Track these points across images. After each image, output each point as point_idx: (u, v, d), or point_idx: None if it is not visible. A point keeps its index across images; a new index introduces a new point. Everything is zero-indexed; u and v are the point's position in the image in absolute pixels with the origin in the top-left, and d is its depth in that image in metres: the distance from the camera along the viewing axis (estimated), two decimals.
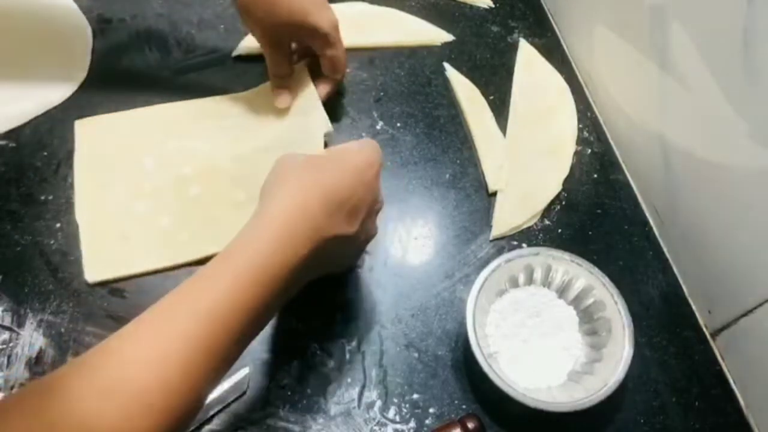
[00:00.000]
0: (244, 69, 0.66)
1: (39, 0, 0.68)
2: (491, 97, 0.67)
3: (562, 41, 0.74)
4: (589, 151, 0.64)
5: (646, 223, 0.60)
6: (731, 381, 0.52)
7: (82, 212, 0.54)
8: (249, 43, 0.67)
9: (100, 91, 0.62)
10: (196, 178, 0.56)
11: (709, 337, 0.54)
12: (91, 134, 0.59)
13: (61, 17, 0.67)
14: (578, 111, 0.67)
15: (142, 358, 0.33)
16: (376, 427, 0.47)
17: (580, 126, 0.66)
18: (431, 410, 0.48)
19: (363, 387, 0.48)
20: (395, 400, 0.48)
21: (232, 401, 0.47)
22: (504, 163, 0.61)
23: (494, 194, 0.59)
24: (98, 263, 0.51)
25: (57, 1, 0.69)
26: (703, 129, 0.52)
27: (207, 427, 0.46)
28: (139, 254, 0.52)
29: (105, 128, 0.59)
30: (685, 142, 0.55)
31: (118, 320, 0.49)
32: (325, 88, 0.61)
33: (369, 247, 0.55)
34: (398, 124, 0.64)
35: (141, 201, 0.54)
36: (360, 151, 0.44)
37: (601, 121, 0.67)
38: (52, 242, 0.53)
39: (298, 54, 0.63)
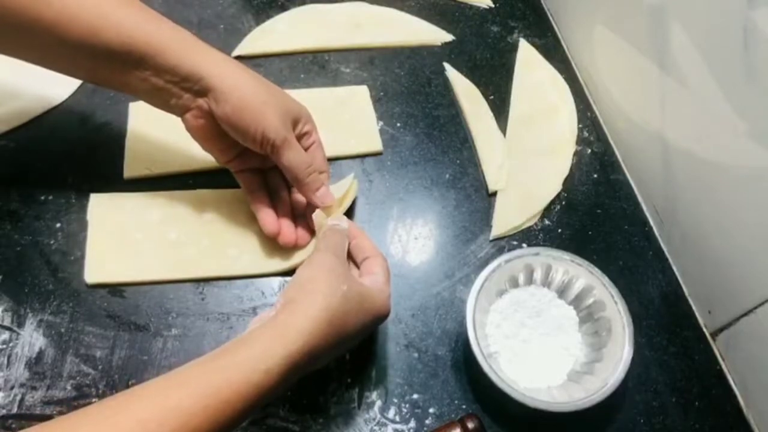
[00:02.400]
0: None
1: None
2: (491, 97, 0.67)
3: (562, 41, 0.74)
4: (589, 151, 0.64)
5: (646, 223, 0.60)
6: (731, 381, 0.52)
7: (94, 211, 0.54)
8: (249, 43, 0.67)
9: (100, 91, 0.62)
10: (215, 202, 0.55)
11: (709, 337, 0.54)
12: (145, 118, 0.59)
13: None
14: (578, 111, 0.67)
15: None
16: (376, 427, 0.47)
17: (580, 126, 0.66)
18: (431, 410, 0.48)
19: (363, 387, 0.48)
20: (395, 400, 0.48)
21: None
22: (504, 163, 0.61)
23: (494, 194, 0.59)
24: (100, 265, 0.51)
25: None
26: (703, 129, 0.52)
27: None
28: (141, 262, 0.52)
29: (159, 112, 0.59)
30: (685, 142, 0.55)
31: (118, 320, 0.49)
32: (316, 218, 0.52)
33: None
34: (398, 124, 0.64)
35: (155, 210, 0.54)
36: (383, 303, 0.45)
37: (601, 121, 0.67)
38: (52, 242, 0.53)
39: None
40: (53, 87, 0.61)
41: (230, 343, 0.38)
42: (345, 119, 0.63)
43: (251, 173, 0.52)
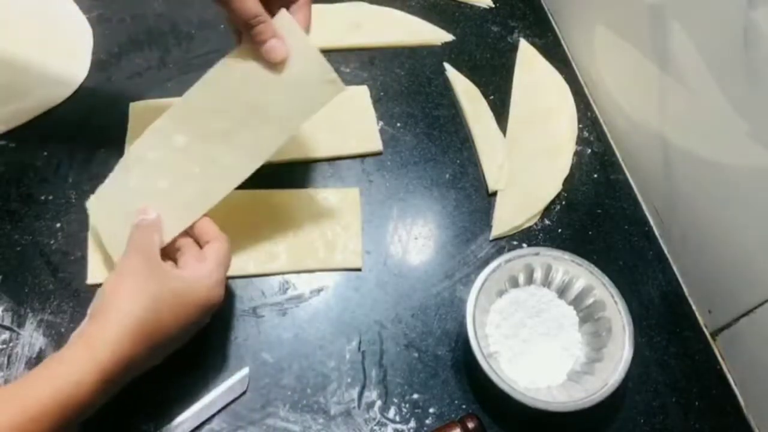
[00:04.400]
0: None
1: (39, 0, 0.68)
2: (491, 97, 0.67)
3: (562, 41, 0.74)
4: (589, 151, 0.64)
5: (646, 223, 0.60)
6: (731, 381, 0.52)
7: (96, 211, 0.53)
8: None
9: (100, 91, 0.62)
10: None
11: (709, 337, 0.54)
12: (144, 118, 0.58)
13: (61, 17, 0.67)
14: (578, 111, 0.67)
15: None
16: (376, 427, 0.47)
17: (580, 126, 0.66)
18: (431, 410, 0.48)
19: (363, 387, 0.48)
20: (395, 400, 0.48)
21: (232, 401, 0.47)
22: (504, 163, 0.61)
23: (494, 194, 0.59)
24: (102, 266, 0.51)
25: (57, 1, 0.69)
26: (703, 129, 0.52)
27: (207, 427, 0.46)
28: None
29: (158, 112, 0.58)
30: (685, 142, 0.55)
31: None
32: (302, 14, 0.47)
33: (369, 247, 0.55)
34: (398, 124, 0.64)
35: (132, 175, 0.52)
36: (208, 291, 0.43)
37: (601, 121, 0.67)
38: (52, 242, 0.53)
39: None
40: (53, 87, 0.61)
41: (45, 360, 0.38)
42: (345, 119, 0.63)
43: None
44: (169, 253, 0.47)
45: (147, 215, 0.47)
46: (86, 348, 0.37)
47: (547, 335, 0.50)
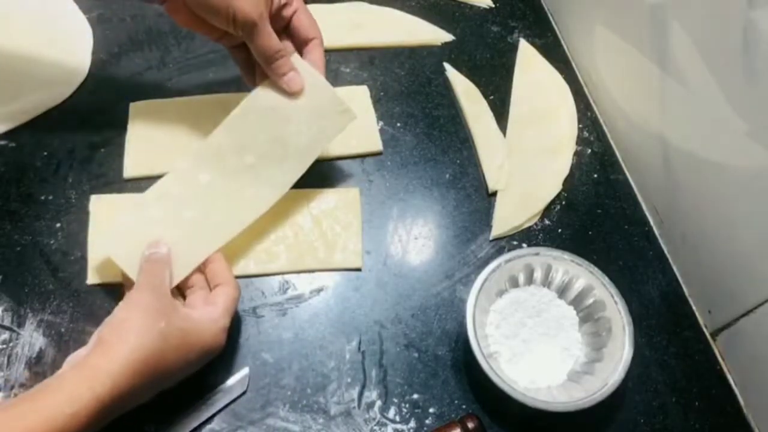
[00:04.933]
0: None
1: (39, 0, 0.68)
2: (491, 97, 0.67)
3: (562, 41, 0.74)
4: (589, 151, 0.64)
5: (646, 223, 0.60)
6: (731, 381, 0.52)
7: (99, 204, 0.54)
8: None
9: (100, 91, 0.62)
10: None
11: (709, 337, 0.54)
12: (144, 118, 0.59)
13: (61, 17, 0.67)
14: (578, 111, 0.67)
15: None
16: (376, 427, 0.47)
17: (580, 126, 0.66)
18: (431, 410, 0.48)
19: (363, 387, 0.48)
20: (395, 400, 0.48)
21: (232, 401, 0.47)
22: (504, 163, 0.61)
23: (494, 194, 0.59)
24: (102, 266, 0.51)
25: (57, 1, 0.69)
26: (703, 129, 0.52)
27: (207, 427, 0.46)
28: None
29: (158, 112, 0.59)
30: (685, 142, 0.55)
31: None
32: (316, 55, 0.52)
33: (369, 247, 0.55)
34: (398, 124, 0.64)
35: (155, 208, 0.52)
36: (213, 336, 0.44)
37: (601, 121, 0.67)
38: (52, 242, 0.53)
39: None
40: (53, 87, 0.61)
41: (39, 385, 0.37)
42: None
43: (245, 48, 0.50)
44: (182, 287, 0.48)
45: (158, 249, 0.47)
46: (87, 378, 0.37)
47: (547, 335, 0.50)
